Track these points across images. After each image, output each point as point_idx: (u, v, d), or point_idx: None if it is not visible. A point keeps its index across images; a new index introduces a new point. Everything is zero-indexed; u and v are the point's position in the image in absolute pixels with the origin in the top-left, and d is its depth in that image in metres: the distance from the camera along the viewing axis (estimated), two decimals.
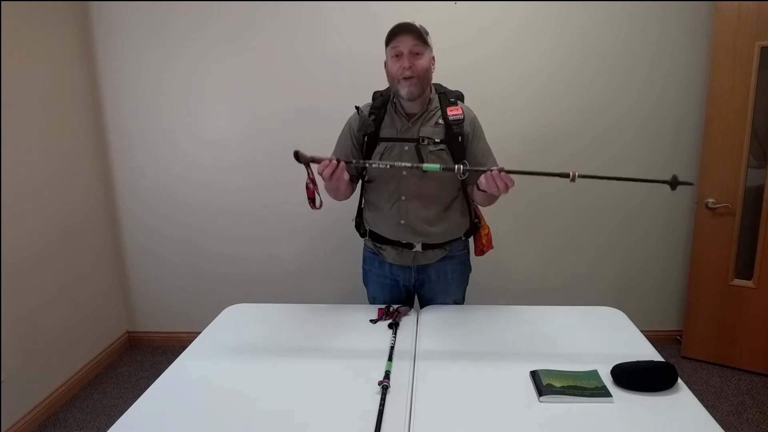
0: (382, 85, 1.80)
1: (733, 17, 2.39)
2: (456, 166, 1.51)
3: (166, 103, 2.78)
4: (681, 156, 2.70)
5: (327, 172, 1.53)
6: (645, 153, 2.70)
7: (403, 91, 1.65)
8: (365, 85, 1.92)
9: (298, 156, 1.53)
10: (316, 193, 1.59)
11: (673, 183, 1.43)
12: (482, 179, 1.54)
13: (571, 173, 1.44)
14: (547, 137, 2.68)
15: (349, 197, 1.86)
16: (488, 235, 1.96)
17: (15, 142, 2.27)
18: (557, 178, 2.71)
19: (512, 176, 1.49)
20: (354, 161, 1.65)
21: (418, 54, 1.63)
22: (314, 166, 1.57)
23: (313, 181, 1.58)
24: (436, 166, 1.54)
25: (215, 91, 2.76)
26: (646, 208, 2.78)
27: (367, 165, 1.66)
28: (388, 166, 1.66)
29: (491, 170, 1.54)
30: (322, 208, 1.64)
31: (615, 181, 2.70)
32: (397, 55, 1.63)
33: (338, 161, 1.53)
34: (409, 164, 1.61)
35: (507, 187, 1.49)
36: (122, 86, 2.78)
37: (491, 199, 1.73)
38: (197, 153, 2.83)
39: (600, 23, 2.58)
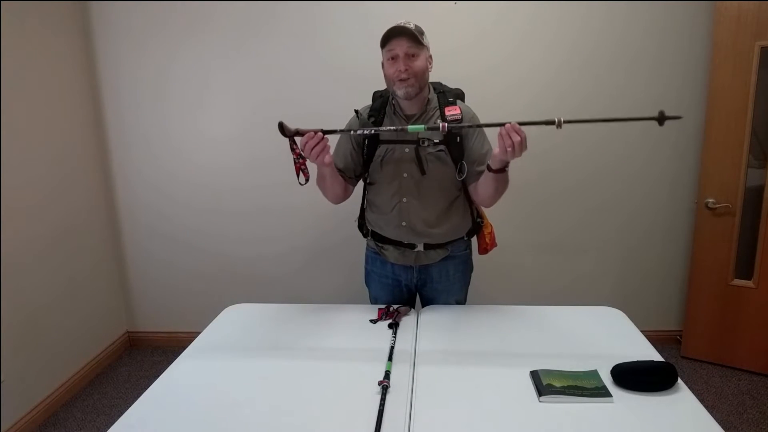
0: (382, 84, 1.80)
1: (733, 17, 2.39)
2: (441, 124, 1.49)
3: (167, 104, 2.78)
4: (681, 156, 2.70)
5: (310, 144, 1.51)
6: (646, 152, 2.70)
7: (400, 91, 1.65)
8: (366, 85, 1.92)
9: (282, 128, 1.51)
10: (300, 170, 1.57)
11: (661, 118, 1.43)
12: (496, 150, 1.49)
13: (556, 119, 1.43)
14: (549, 137, 2.67)
15: (343, 200, 1.84)
16: (491, 233, 1.96)
17: (15, 143, 2.27)
18: (560, 178, 2.73)
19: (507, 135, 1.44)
20: (339, 130, 1.61)
21: (413, 56, 1.62)
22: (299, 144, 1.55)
23: (299, 155, 1.56)
24: (420, 127, 1.52)
25: (215, 92, 2.76)
26: (647, 208, 2.78)
27: (352, 133, 1.67)
28: (372, 132, 1.66)
29: (478, 126, 1.58)
30: (327, 209, 1.61)
31: (616, 182, 2.74)
32: (392, 58, 1.63)
33: (323, 133, 1.51)
34: (393, 128, 1.60)
35: (522, 143, 1.43)
36: (122, 87, 2.78)
37: (496, 189, 1.65)
38: (197, 153, 2.83)
39: (600, 23, 2.58)
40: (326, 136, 1.53)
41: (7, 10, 2.23)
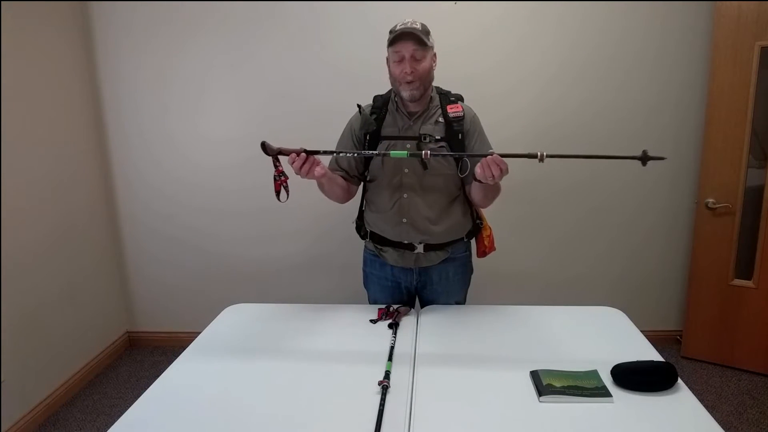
0: (384, 84, 1.80)
1: (733, 17, 2.39)
2: (423, 151, 1.50)
3: (167, 104, 2.78)
4: (681, 156, 2.70)
5: (297, 164, 1.51)
6: None
7: (405, 93, 1.66)
8: (366, 85, 1.92)
9: (265, 147, 1.50)
10: (282, 187, 1.56)
11: (644, 158, 1.44)
12: (477, 169, 1.50)
13: (539, 153, 1.42)
14: (549, 138, 2.68)
15: (347, 200, 1.86)
16: (490, 236, 1.95)
17: (15, 143, 2.27)
18: (558, 179, 2.73)
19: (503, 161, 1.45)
20: (322, 151, 1.58)
21: (419, 59, 1.63)
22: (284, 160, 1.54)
23: (281, 173, 1.55)
24: (403, 153, 1.52)
25: (215, 92, 2.76)
26: (647, 208, 2.78)
27: (336, 155, 1.67)
28: (355, 155, 1.65)
29: (461, 155, 1.62)
30: (327, 209, 1.61)
31: (615, 183, 2.74)
32: (399, 60, 1.64)
33: (306, 153, 1.50)
34: (376, 152, 1.61)
35: (501, 174, 1.45)
36: (123, 86, 2.78)
37: (486, 195, 1.71)
38: (197, 153, 2.83)
39: (600, 23, 2.58)
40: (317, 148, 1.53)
41: (7, 10, 2.23)
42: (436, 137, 1.70)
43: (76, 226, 2.68)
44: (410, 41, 1.61)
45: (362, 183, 1.88)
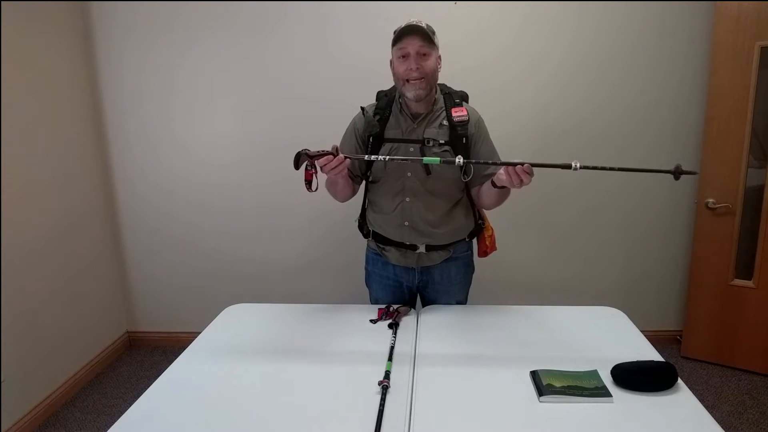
0: (385, 83, 1.80)
1: (733, 17, 2.39)
2: (456, 158, 1.49)
3: (167, 102, 2.78)
4: (681, 156, 2.69)
5: (332, 165, 1.51)
6: (645, 153, 2.70)
7: (410, 93, 1.64)
8: (368, 84, 1.92)
9: (298, 162, 1.50)
10: (314, 176, 1.57)
11: (676, 172, 1.43)
12: (501, 175, 1.51)
13: (573, 164, 1.43)
14: (547, 137, 2.68)
15: (350, 198, 1.86)
16: (492, 236, 1.95)
17: (15, 142, 2.27)
18: (559, 177, 2.73)
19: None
20: (354, 156, 1.63)
21: (425, 55, 1.62)
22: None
23: (313, 165, 1.55)
24: (435, 159, 1.55)
25: (216, 89, 2.76)
26: (647, 208, 2.78)
27: (366, 159, 1.65)
28: (386, 159, 1.66)
29: (493, 163, 1.58)
30: (328, 208, 1.61)
31: (615, 182, 2.74)
32: (403, 56, 1.62)
33: (337, 154, 1.51)
34: (408, 158, 1.61)
35: (529, 178, 1.47)
36: (122, 85, 2.77)
37: (498, 201, 1.72)
38: (198, 151, 2.83)
39: (600, 23, 2.58)
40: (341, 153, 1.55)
41: (7, 10, 2.23)
42: (440, 141, 1.69)
43: (76, 226, 2.68)
44: (416, 37, 1.59)
45: (365, 182, 1.87)
